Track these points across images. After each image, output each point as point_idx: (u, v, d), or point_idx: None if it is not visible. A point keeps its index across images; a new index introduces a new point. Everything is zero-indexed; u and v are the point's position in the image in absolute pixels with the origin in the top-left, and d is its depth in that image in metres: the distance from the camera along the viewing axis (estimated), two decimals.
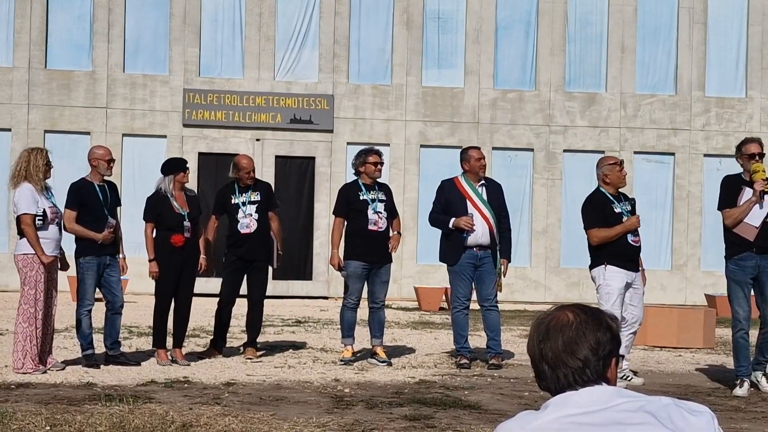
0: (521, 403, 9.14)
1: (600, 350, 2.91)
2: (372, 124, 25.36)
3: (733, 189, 10.25)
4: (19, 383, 9.64)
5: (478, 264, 11.71)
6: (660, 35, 26.23)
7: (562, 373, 2.91)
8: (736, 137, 25.99)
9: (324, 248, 23.95)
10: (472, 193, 11.78)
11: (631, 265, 10.73)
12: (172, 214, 11.29)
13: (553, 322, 2.95)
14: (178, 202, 11.37)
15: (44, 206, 10.37)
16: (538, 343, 2.96)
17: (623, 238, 10.65)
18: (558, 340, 2.91)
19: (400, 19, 25.51)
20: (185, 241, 11.26)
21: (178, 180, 11.47)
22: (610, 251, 10.64)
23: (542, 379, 2.96)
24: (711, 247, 25.62)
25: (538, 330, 2.97)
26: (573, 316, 2.94)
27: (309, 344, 13.88)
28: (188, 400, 8.90)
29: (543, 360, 2.94)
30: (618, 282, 10.58)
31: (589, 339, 2.90)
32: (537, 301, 24.75)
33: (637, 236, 10.75)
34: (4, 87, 24.65)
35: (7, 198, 24.15)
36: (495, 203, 11.82)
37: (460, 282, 11.78)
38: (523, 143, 25.66)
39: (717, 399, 9.86)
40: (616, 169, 10.82)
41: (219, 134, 25.06)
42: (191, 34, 25.06)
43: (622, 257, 10.64)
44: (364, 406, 8.81)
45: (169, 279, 11.31)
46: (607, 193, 10.83)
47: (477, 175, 11.88)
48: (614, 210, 10.72)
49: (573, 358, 2.89)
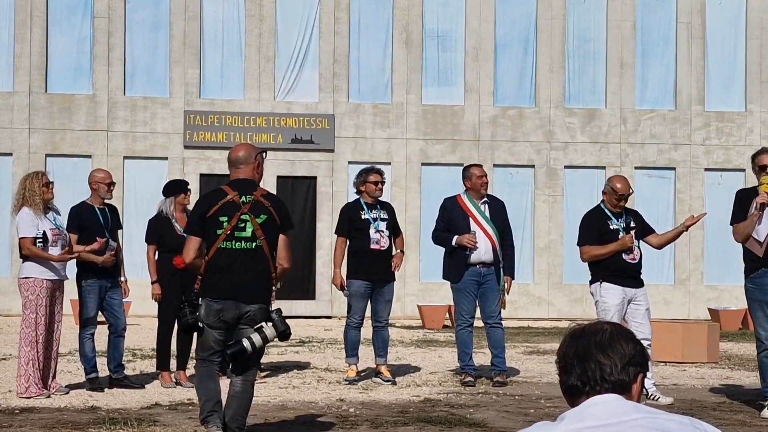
0: (526, 421, 9.11)
1: (629, 359, 3.01)
2: (373, 143, 25.39)
3: (744, 203, 9.94)
4: (23, 408, 9.63)
5: (481, 281, 11.71)
6: (659, 50, 26.27)
7: (590, 368, 3.00)
8: (737, 151, 26.05)
9: (327, 268, 23.93)
10: (474, 211, 11.79)
11: (630, 281, 10.65)
12: (173, 236, 11.29)
13: (589, 327, 3.09)
14: (179, 223, 11.38)
15: (44, 228, 10.37)
16: (571, 341, 3.09)
17: (617, 256, 10.59)
18: (592, 340, 3.04)
19: (399, 37, 25.56)
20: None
21: (179, 202, 11.49)
22: (605, 268, 10.60)
23: (569, 373, 3.02)
24: (713, 261, 25.63)
25: (573, 332, 3.11)
26: (608, 326, 3.09)
27: (313, 364, 13.87)
28: (192, 422, 8.88)
29: (574, 355, 3.04)
30: (613, 298, 10.54)
31: (622, 345, 3.03)
32: (540, 318, 24.72)
33: (631, 253, 10.64)
34: (5, 112, 24.69)
35: (9, 222, 24.17)
36: (498, 220, 11.83)
37: (463, 299, 11.77)
38: (524, 160, 25.68)
39: (722, 413, 9.83)
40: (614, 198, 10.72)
41: (220, 155, 25.06)
42: (191, 55, 25.12)
43: (619, 274, 10.58)
44: (369, 426, 8.79)
45: (171, 301, 11.31)
46: (605, 210, 10.78)
47: (479, 192, 11.89)
48: (610, 227, 10.66)
49: (604, 355, 3.00)
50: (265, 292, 7.73)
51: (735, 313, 22.09)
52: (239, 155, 7.97)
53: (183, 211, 11.49)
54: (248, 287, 7.63)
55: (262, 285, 7.70)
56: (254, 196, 7.77)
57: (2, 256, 24.54)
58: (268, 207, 7.75)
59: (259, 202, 7.76)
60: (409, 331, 20.31)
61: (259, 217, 7.71)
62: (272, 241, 7.74)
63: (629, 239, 10.60)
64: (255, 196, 7.77)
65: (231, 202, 7.72)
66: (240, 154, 7.99)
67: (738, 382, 12.36)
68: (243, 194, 7.76)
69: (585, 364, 2.99)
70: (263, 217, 7.72)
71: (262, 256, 7.68)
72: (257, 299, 7.66)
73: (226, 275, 7.64)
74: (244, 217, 7.68)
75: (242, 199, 7.73)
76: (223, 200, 7.74)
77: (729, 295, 25.35)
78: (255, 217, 7.70)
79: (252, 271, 7.65)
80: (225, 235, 7.65)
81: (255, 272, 7.66)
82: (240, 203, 7.71)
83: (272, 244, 7.74)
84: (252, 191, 7.79)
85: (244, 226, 7.68)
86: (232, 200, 7.73)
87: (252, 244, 7.67)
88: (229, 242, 7.67)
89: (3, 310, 24.07)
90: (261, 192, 7.83)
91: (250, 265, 7.65)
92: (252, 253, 7.66)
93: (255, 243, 7.68)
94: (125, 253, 11.63)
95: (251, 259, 7.65)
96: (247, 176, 7.91)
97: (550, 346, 16.64)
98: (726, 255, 25.62)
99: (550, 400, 10.49)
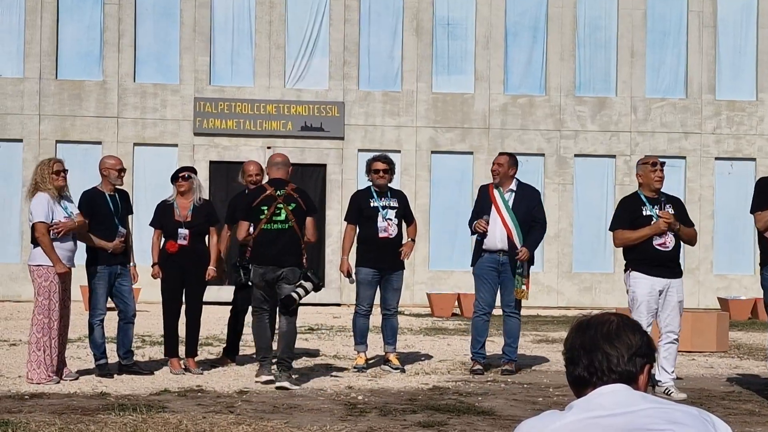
0: (535, 409, 9.12)
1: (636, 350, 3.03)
2: (383, 131, 25.37)
3: (765, 191, 9.76)
4: (33, 393, 9.65)
5: (500, 269, 11.62)
6: (670, 39, 26.20)
7: (597, 359, 3.02)
8: (747, 140, 25.99)
9: (336, 255, 23.94)
10: (498, 199, 11.70)
11: (662, 271, 10.21)
12: (171, 221, 11.40)
13: (596, 318, 3.11)
14: (180, 209, 11.43)
15: (58, 217, 10.39)
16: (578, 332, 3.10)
17: (648, 243, 10.16)
18: (599, 331, 3.06)
19: (409, 25, 25.53)
20: (179, 248, 11.31)
21: (178, 188, 11.56)
22: (634, 256, 10.25)
23: (576, 364, 3.03)
24: (723, 251, 25.59)
25: (580, 323, 3.13)
26: (615, 318, 3.10)
27: (322, 351, 13.88)
28: (202, 408, 8.90)
29: (581, 346, 3.06)
30: (642, 288, 10.15)
31: (628, 336, 3.05)
32: (549, 306, 24.72)
33: (663, 239, 10.20)
34: (15, 98, 24.73)
35: (20, 209, 24.23)
36: (521, 211, 11.65)
37: (481, 286, 11.72)
38: (534, 148, 25.64)
39: (731, 403, 9.82)
40: (648, 169, 10.34)
41: (230, 143, 25.09)
42: (201, 42, 25.11)
43: (648, 263, 10.17)
44: (378, 413, 8.80)
45: (169, 286, 11.41)
46: (641, 195, 10.36)
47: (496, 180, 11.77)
48: (642, 213, 10.23)
49: (611, 346, 3.02)
50: (297, 258, 10.48)
51: (744, 303, 22.06)
52: (278, 159, 10.83)
53: (184, 196, 11.53)
54: (282, 256, 10.41)
55: (293, 254, 10.48)
56: (286, 190, 10.56)
57: (12, 243, 24.60)
58: (297, 197, 10.53)
59: (290, 195, 10.55)
60: (418, 319, 20.33)
61: (290, 205, 10.48)
62: (301, 223, 10.51)
63: (662, 222, 10.14)
64: (287, 190, 10.57)
65: (270, 195, 10.54)
66: (278, 159, 10.86)
67: (747, 371, 12.35)
68: (278, 189, 10.58)
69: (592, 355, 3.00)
70: (293, 206, 10.50)
71: (293, 234, 10.48)
72: (289, 263, 10.44)
73: (267, 248, 10.45)
74: (279, 206, 10.49)
75: (277, 192, 10.56)
76: (264, 194, 10.60)
77: (738, 285, 25.33)
78: (287, 205, 10.48)
79: (285, 244, 10.44)
80: (266, 219, 10.48)
81: (287, 245, 10.45)
82: (276, 195, 10.53)
83: (301, 225, 10.51)
84: (284, 186, 10.60)
85: (280, 212, 10.49)
86: (270, 194, 10.55)
87: (286, 225, 10.47)
88: (269, 224, 10.49)
89: (13, 296, 24.14)
90: (291, 187, 10.62)
91: (284, 240, 10.45)
92: (286, 232, 10.47)
93: (288, 224, 10.47)
94: (135, 239, 11.66)
95: (285, 236, 10.46)
96: (280, 176, 10.69)
97: (559, 335, 16.63)
98: (735, 244, 25.61)
99: (559, 388, 10.49)
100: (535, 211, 11.74)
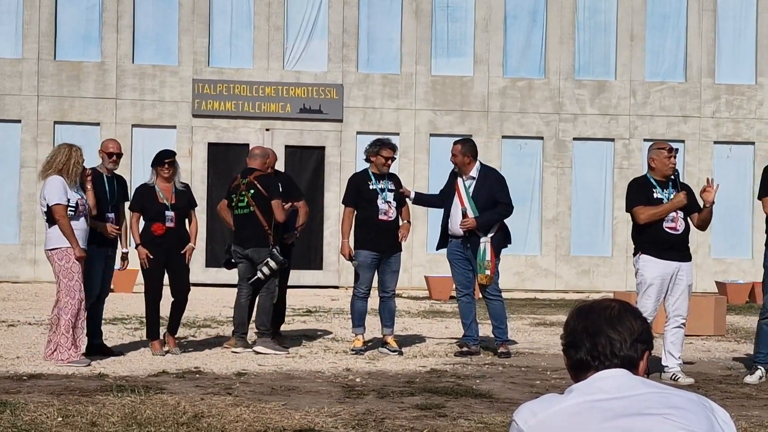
0: (533, 392, 9.14)
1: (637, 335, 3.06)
2: (382, 114, 25.35)
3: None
4: (31, 374, 9.67)
5: (467, 255, 11.79)
6: (669, 22, 26.15)
7: (600, 343, 3.04)
8: (747, 124, 25.97)
9: (334, 238, 23.95)
10: (461, 186, 11.88)
11: (673, 254, 10.11)
12: (155, 204, 11.43)
13: (597, 303, 3.14)
14: (163, 193, 11.46)
15: (75, 199, 10.44)
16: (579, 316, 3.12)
17: (658, 225, 10.08)
18: (602, 315, 3.08)
19: (409, 8, 25.47)
20: (166, 230, 11.35)
21: (160, 173, 11.57)
22: (644, 239, 10.16)
23: (578, 348, 3.05)
24: (721, 235, 25.58)
25: (580, 308, 3.15)
26: (616, 303, 3.14)
27: (320, 334, 13.90)
28: (200, 390, 8.92)
29: (584, 330, 3.08)
30: (651, 272, 10.05)
31: (630, 321, 3.08)
32: (547, 289, 24.74)
33: (673, 222, 10.13)
34: (13, 78, 24.68)
35: (18, 190, 24.21)
36: (483, 196, 11.71)
37: (453, 270, 12.07)
38: (533, 131, 25.62)
39: (728, 386, 9.85)
40: (663, 155, 10.33)
41: (228, 124, 25.06)
42: (200, 24, 25.06)
43: (657, 246, 10.08)
44: (376, 396, 8.82)
45: (153, 269, 11.44)
46: (651, 179, 10.33)
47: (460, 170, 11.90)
48: (654, 195, 10.18)
49: (614, 331, 3.05)
50: (259, 240, 11.63)
51: (742, 287, 22.08)
52: (255, 152, 12.01)
53: (168, 181, 11.56)
54: (246, 238, 11.74)
55: (256, 236, 11.66)
56: (249, 178, 11.67)
57: (10, 224, 24.57)
58: (256, 184, 11.58)
59: (251, 182, 11.64)
60: (416, 302, 20.35)
61: (250, 191, 11.61)
62: (264, 207, 11.58)
63: (683, 196, 10.10)
64: (249, 178, 11.67)
65: (237, 184, 11.79)
66: (256, 151, 12.06)
67: (744, 355, 12.37)
68: (244, 177, 11.72)
69: (595, 339, 3.01)
70: (252, 192, 11.61)
71: (254, 218, 11.63)
72: (252, 245, 11.69)
73: (238, 230, 11.87)
74: (243, 193, 11.67)
75: (243, 181, 11.70)
76: (233, 183, 11.93)
77: (736, 269, 25.34)
78: (248, 192, 11.64)
79: (248, 227, 11.70)
80: (234, 205, 11.78)
81: (250, 228, 11.68)
82: (240, 184, 11.71)
83: (264, 209, 11.58)
84: (248, 175, 11.71)
85: (243, 198, 11.67)
86: (237, 183, 11.79)
87: (247, 210, 11.68)
88: (237, 209, 11.78)
89: (11, 277, 24.13)
90: (255, 174, 11.67)
91: (248, 224, 11.69)
92: (248, 216, 11.69)
93: (249, 209, 11.66)
94: None
95: (247, 219, 11.70)
96: (255, 166, 11.78)
97: (557, 318, 16.66)
98: (733, 229, 25.60)
99: (556, 371, 10.52)
100: (498, 195, 11.79)
